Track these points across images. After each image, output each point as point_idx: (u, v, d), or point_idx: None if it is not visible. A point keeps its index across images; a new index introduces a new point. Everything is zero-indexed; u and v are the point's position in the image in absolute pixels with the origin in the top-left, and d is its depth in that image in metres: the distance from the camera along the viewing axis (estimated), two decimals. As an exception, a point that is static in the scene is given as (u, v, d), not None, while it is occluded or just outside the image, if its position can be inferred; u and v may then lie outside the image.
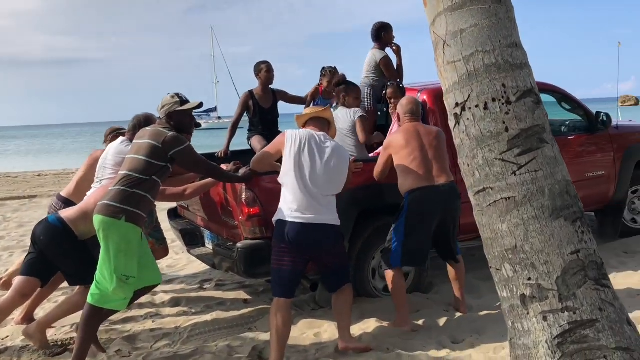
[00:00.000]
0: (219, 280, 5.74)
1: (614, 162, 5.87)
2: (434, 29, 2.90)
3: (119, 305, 3.75)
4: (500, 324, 4.12)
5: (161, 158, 3.63)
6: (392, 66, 5.63)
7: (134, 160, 3.64)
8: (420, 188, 4.17)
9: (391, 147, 4.33)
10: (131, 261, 3.66)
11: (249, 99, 5.81)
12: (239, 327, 4.54)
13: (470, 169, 2.81)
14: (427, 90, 5.20)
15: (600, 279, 2.60)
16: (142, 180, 3.59)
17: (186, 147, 3.70)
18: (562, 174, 2.71)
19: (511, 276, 2.70)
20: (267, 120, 5.84)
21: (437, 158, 4.26)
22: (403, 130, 4.36)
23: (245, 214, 4.25)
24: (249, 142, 5.89)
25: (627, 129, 6.16)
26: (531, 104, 2.71)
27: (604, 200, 5.79)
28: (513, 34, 2.78)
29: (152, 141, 3.63)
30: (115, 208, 3.55)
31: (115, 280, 3.58)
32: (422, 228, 4.21)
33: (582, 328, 2.51)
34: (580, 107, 5.87)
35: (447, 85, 2.87)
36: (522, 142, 2.66)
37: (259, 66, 5.80)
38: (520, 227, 2.64)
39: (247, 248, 4.23)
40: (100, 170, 4.43)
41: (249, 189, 4.22)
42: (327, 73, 5.68)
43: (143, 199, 3.62)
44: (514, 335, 2.73)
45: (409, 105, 4.43)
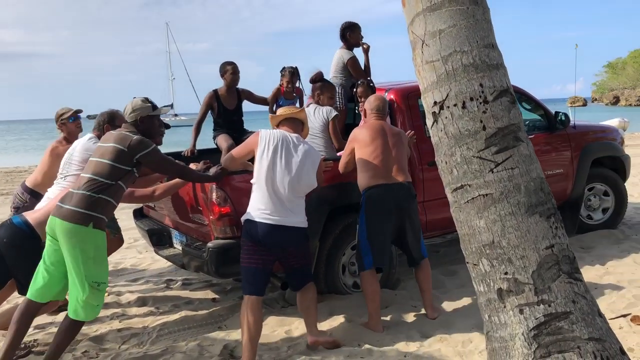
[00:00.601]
0: (185, 279, 5.67)
1: (571, 160, 6.08)
2: (412, 29, 2.95)
3: (92, 315, 3.67)
4: (468, 319, 4.26)
5: (126, 162, 3.59)
6: (359, 66, 5.67)
7: (99, 164, 3.58)
8: (377, 185, 4.22)
9: (355, 140, 4.37)
10: (101, 267, 3.64)
11: (213, 100, 5.73)
12: (209, 326, 4.50)
13: (448, 166, 2.87)
14: (395, 89, 5.27)
15: (573, 273, 2.71)
16: (107, 185, 3.54)
17: (152, 149, 3.66)
18: (537, 171, 2.80)
19: (488, 271, 2.77)
20: (232, 120, 5.77)
21: (398, 158, 4.32)
22: (369, 126, 4.40)
23: (216, 213, 4.21)
24: (215, 141, 5.82)
25: (583, 129, 6.38)
26: (507, 104, 2.79)
27: (562, 197, 5.98)
28: (489, 35, 2.86)
29: (117, 145, 3.58)
30: (83, 214, 3.49)
31: (87, 287, 3.53)
32: (381, 226, 4.25)
33: (556, 320, 2.61)
34: (540, 106, 6.07)
35: (426, 84, 2.93)
36: (499, 140, 2.74)
37: (224, 67, 5.73)
38: (497, 223, 2.72)
39: (218, 247, 4.21)
40: (66, 166, 4.32)
41: (219, 188, 4.19)
42: (286, 73, 5.68)
43: (108, 204, 3.58)
44: (491, 328, 2.81)
45: (377, 102, 4.48)
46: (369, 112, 4.48)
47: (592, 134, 6.50)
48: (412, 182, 4.69)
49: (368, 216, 4.22)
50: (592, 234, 6.28)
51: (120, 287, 5.53)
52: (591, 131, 6.53)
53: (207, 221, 4.35)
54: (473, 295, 4.65)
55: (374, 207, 4.21)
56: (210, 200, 4.22)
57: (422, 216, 5.07)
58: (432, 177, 4.78)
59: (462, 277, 5.18)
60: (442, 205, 3.14)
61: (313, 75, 5.29)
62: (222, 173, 4.10)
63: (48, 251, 3.67)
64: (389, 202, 4.22)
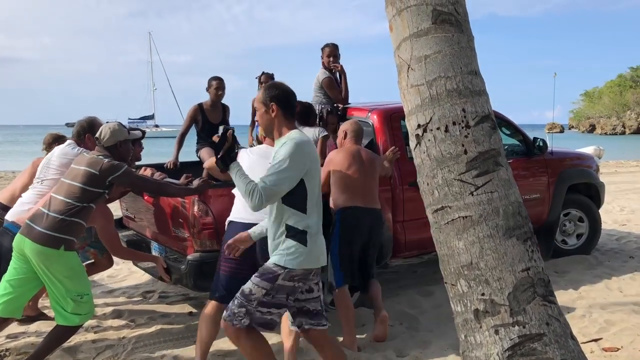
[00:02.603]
0: (162, 292, 5.64)
1: (548, 185, 6.20)
2: (399, 53, 3.03)
3: (82, 320, 3.77)
4: (444, 339, 4.31)
5: (99, 185, 3.69)
6: (333, 86, 5.70)
7: (71, 187, 3.66)
8: (354, 207, 4.30)
9: (332, 163, 4.45)
10: (80, 281, 3.70)
11: (198, 113, 5.79)
12: (185, 340, 4.48)
13: (429, 187, 2.94)
14: (377, 110, 5.34)
15: (548, 295, 2.78)
16: (79, 207, 3.62)
17: (123, 171, 3.75)
18: (515, 195, 2.88)
19: (466, 291, 2.83)
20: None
21: (372, 184, 4.45)
22: (346, 150, 4.50)
23: (197, 226, 4.22)
24: (198, 154, 5.85)
25: (560, 155, 6.52)
26: (488, 129, 2.88)
27: (539, 221, 6.08)
28: (473, 62, 2.95)
29: (89, 169, 3.68)
30: (54, 237, 3.55)
31: (70, 301, 3.62)
32: (353, 246, 4.32)
33: (530, 341, 2.67)
34: (518, 132, 6.19)
35: (410, 107, 3.00)
36: (479, 164, 2.82)
37: (210, 82, 5.79)
38: (475, 244, 2.78)
39: (197, 261, 4.21)
40: (44, 169, 4.27)
41: (201, 201, 4.20)
42: (262, 77, 5.87)
43: (78, 226, 3.66)
44: (467, 348, 2.86)
45: (353, 126, 4.59)
46: (348, 138, 4.57)
47: (569, 160, 6.65)
48: (393, 201, 4.74)
49: (342, 235, 4.27)
50: (567, 259, 6.40)
51: (96, 298, 5.44)
52: (568, 158, 6.68)
53: (187, 234, 4.35)
54: (449, 315, 4.67)
55: (349, 227, 4.28)
56: (191, 213, 4.23)
57: (401, 236, 5.15)
58: (412, 198, 4.85)
59: (439, 298, 5.23)
60: (421, 225, 3.20)
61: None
62: (204, 185, 4.14)
63: (15, 267, 3.67)
64: (363, 223, 4.32)
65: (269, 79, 5.87)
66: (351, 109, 5.72)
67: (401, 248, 5.22)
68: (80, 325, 3.79)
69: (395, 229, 5.11)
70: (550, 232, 6.31)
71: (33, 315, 4.72)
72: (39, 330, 4.51)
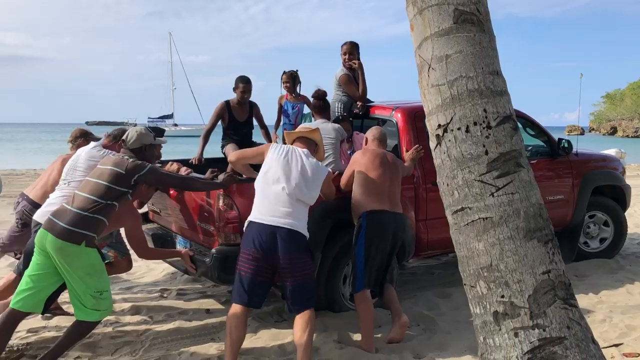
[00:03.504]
0: (180, 289, 5.67)
1: (572, 187, 6.11)
2: (419, 53, 3.02)
3: (101, 316, 3.79)
4: (461, 341, 4.28)
5: (124, 184, 3.75)
6: (350, 83, 5.71)
7: (95, 185, 3.71)
8: (380, 210, 4.27)
9: (356, 164, 4.44)
10: (99, 277, 3.73)
11: (225, 110, 5.83)
12: (202, 337, 4.49)
13: (449, 188, 2.92)
14: (401, 108, 5.31)
15: (569, 299, 2.75)
16: (103, 204, 3.67)
17: (148, 169, 3.83)
18: (536, 197, 2.85)
19: (485, 293, 2.81)
20: (242, 133, 5.87)
21: (396, 188, 4.43)
22: (372, 152, 4.48)
23: (222, 220, 4.25)
24: (223, 150, 5.90)
25: (585, 156, 6.43)
26: (510, 130, 2.86)
27: (562, 223, 6.01)
28: (495, 62, 2.93)
29: (115, 168, 3.76)
30: (76, 233, 3.59)
31: (90, 297, 3.65)
32: (380, 250, 4.28)
33: (551, 345, 2.64)
34: (543, 133, 6.11)
35: (430, 107, 2.98)
36: (500, 165, 2.80)
37: (237, 83, 5.82)
38: (496, 246, 2.76)
39: (222, 254, 4.24)
40: (70, 171, 4.34)
41: (226, 195, 4.24)
42: (284, 76, 5.84)
43: (100, 223, 3.70)
44: (486, 350, 2.84)
45: (378, 132, 4.62)
46: (371, 141, 4.59)
47: (594, 162, 6.54)
48: (416, 200, 4.75)
49: (369, 239, 4.23)
50: (587, 263, 6.31)
51: (115, 295, 5.50)
52: (593, 159, 6.58)
53: (212, 227, 4.39)
54: (467, 317, 4.68)
55: (376, 231, 4.24)
56: (216, 207, 4.27)
57: (423, 234, 5.12)
58: (435, 197, 4.83)
59: (456, 300, 5.20)
60: (443, 224, 3.17)
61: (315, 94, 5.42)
62: (229, 180, 4.20)
63: (36, 262, 3.71)
64: (390, 227, 4.28)
65: (289, 78, 5.86)
66: (375, 107, 5.71)
67: (423, 247, 5.19)
68: (99, 321, 3.83)
69: (417, 228, 5.09)
70: (574, 234, 6.21)
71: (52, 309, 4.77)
72: (59, 325, 4.55)
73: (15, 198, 5.05)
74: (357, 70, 5.75)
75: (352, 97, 5.74)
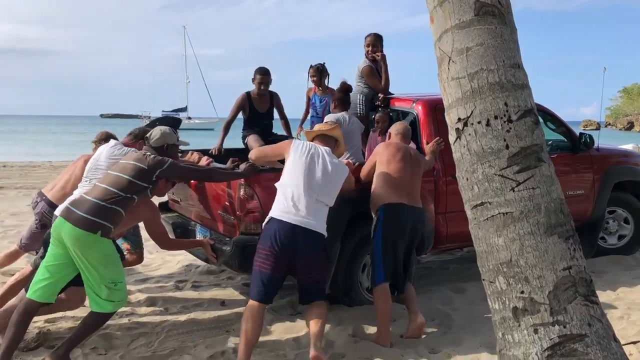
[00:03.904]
0: (195, 281, 5.70)
1: (593, 182, 6.04)
2: (439, 45, 2.98)
3: (115, 307, 3.79)
4: (476, 336, 4.25)
5: (146, 179, 3.80)
6: (373, 75, 5.70)
7: (117, 178, 3.75)
8: (398, 204, 4.25)
9: (378, 155, 4.44)
10: (115, 268, 3.74)
11: (245, 102, 5.86)
12: (217, 329, 4.51)
13: (469, 183, 2.89)
14: (422, 101, 5.27)
15: (590, 296, 2.71)
16: (122, 197, 3.69)
17: (169, 164, 3.87)
18: (557, 192, 2.82)
19: (504, 289, 2.78)
20: (263, 124, 5.91)
21: (417, 183, 4.42)
22: (395, 145, 4.48)
23: (242, 209, 4.29)
24: (245, 141, 5.94)
25: (607, 151, 6.35)
26: (531, 124, 2.82)
27: (582, 218, 5.94)
28: (516, 55, 2.89)
29: (138, 163, 3.81)
30: (93, 222, 3.59)
31: (104, 288, 3.66)
32: (397, 243, 4.27)
33: (571, 342, 2.61)
34: (564, 127, 6.05)
35: (450, 100, 2.95)
36: (521, 159, 2.76)
37: (255, 74, 5.85)
38: (516, 241, 2.73)
39: (242, 243, 4.28)
40: (92, 170, 4.29)
41: (247, 185, 4.28)
42: (311, 69, 5.82)
43: (118, 214, 3.71)
44: (504, 346, 2.81)
45: (403, 128, 4.64)
46: (394, 135, 4.61)
47: (616, 157, 6.46)
48: (436, 192, 4.77)
49: (386, 231, 4.22)
50: (604, 259, 6.23)
51: (130, 286, 5.53)
52: (615, 154, 6.50)
53: (233, 217, 4.42)
54: (482, 312, 4.66)
55: (393, 223, 4.23)
56: (237, 196, 4.31)
57: (443, 228, 5.10)
58: (455, 190, 4.81)
59: (471, 294, 5.18)
60: (463, 217, 3.14)
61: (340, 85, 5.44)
62: (251, 169, 4.24)
63: (52, 253, 3.73)
64: (408, 222, 4.28)
65: (316, 72, 5.83)
66: (395, 99, 5.70)
67: (443, 240, 5.16)
68: (114, 312, 3.84)
69: (437, 221, 5.07)
70: (594, 230, 6.13)
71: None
72: (76, 315, 4.58)
73: (31, 191, 5.07)
74: (380, 62, 5.73)
75: (374, 89, 5.73)
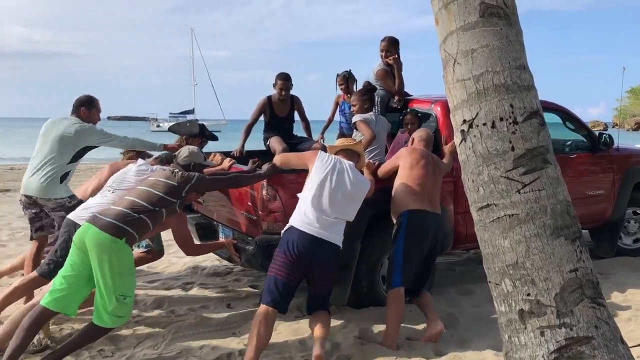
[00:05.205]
0: (202, 284, 5.70)
1: (613, 182, 6.00)
2: (444, 47, 2.98)
3: (117, 323, 3.75)
4: (483, 338, 4.24)
5: (176, 195, 3.92)
6: (386, 78, 5.74)
7: (146, 192, 3.85)
8: (421, 210, 4.27)
9: (402, 159, 4.49)
10: (129, 281, 3.73)
11: (266, 106, 5.91)
12: (223, 331, 4.51)
13: (474, 185, 2.88)
14: (440, 102, 5.27)
15: (596, 298, 2.70)
16: (150, 210, 3.77)
17: (197, 179, 4.02)
18: (564, 194, 2.81)
19: (510, 291, 2.77)
20: (283, 128, 5.96)
21: (437, 190, 4.47)
22: (419, 152, 4.53)
23: (265, 209, 4.37)
24: (267, 143, 5.98)
25: (627, 151, 6.32)
26: (537, 125, 2.81)
27: (602, 219, 5.92)
28: (522, 57, 2.88)
29: (168, 181, 3.95)
30: (119, 227, 3.62)
31: (114, 300, 3.62)
32: (418, 250, 4.28)
33: (578, 344, 2.60)
34: (583, 127, 6.02)
35: (455, 102, 2.95)
36: (527, 161, 2.75)
37: (275, 79, 5.89)
38: (522, 244, 2.72)
39: (265, 242, 4.36)
40: (118, 182, 4.29)
41: (270, 186, 4.34)
42: (338, 78, 5.86)
43: (145, 225, 3.77)
44: (510, 348, 2.80)
45: (426, 133, 4.71)
46: (417, 141, 4.65)
47: (636, 157, 6.40)
48: (455, 192, 4.83)
49: (409, 237, 4.23)
50: (612, 261, 6.17)
51: (137, 289, 5.55)
52: (635, 154, 6.44)
53: (255, 217, 4.48)
54: (489, 314, 4.65)
55: (416, 230, 4.25)
56: (259, 197, 4.38)
57: (462, 228, 5.10)
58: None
59: (478, 296, 5.17)
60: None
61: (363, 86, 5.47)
62: (272, 170, 4.34)
63: (71, 262, 3.73)
64: (430, 229, 4.30)
65: (343, 80, 5.86)
66: (413, 100, 5.72)
67: (461, 240, 5.15)
68: (112, 328, 3.80)
69: (456, 221, 5.07)
70: (614, 230, 6.09)
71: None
72: (83, 318, 4.58)
73: None
74: (393, 65, 5.77)
75: (389, 91, 5.77)
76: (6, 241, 7.40)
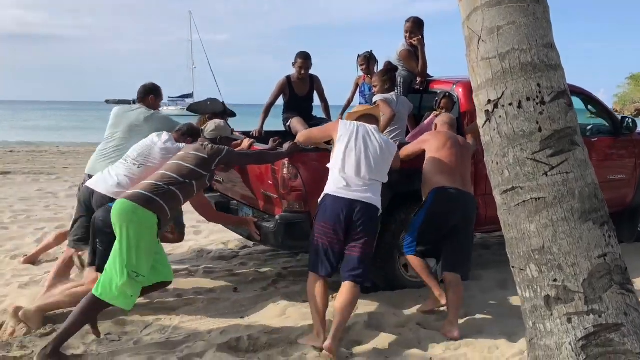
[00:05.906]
0: (207, 268, 5.63)
1: (635, 166, 5.91)
2: (468, 24, 2.88)
3: (125, 304, 3.66)
4: (495, 324, 4.19)
5: (206, 168, 3.95)
6: (410, 59, 5.69)
7: (177, 165, 3.88)
8: (449, 187, 4.24)
9: (427, 143, 4.48)
10: (144, 258, 3.64)
11: (286, 86, 5.92)
12: (231, 315, 4.45)
13: (499, 167, 2.80)
14: (462, 83, 5.19)
15: (625, 284, 2.63)
16: (180, 182, 3.80)
17: (226, 152, 4.06)
18: (592, 177, 2.73)
19: (536, 277, 2.70)
20: (303, 107, 5.96)
21: (467, 170, 4.47)
22: (444, 134, 4.52)
23: (286, 188, 4.36)
24: (288, 123, 5.97)
25: None
26: (564, 106, 2.72)
27: (623, 204, 5.83)
28: (549, 34, 2.78)
29: (199, 153, 3.98)
30: (151, 199, 3.64)
31: (126, 274, 3.55)
32: (439, 225, 4.26)
33: (607, 332, 2.53)
34: (605, 110, 5.94)
35: (479, 81, 2.85)
36: (554, 143, 2.67)
37: (295, 58, 5.88)
38: (549, 228, 2.64)
39: (286, 220, 4.37)
40: (144, 155, 4.26)
41: (291, 164, 4.33)
42: (359, 59, 5.80)
43: (175, 197, 3.77)
44: (535, 335, 2.73)
45: (449, 117, 4.72)
46: (441, 126, 4.65)
47: None
48: (476, 174, 4.80)
49: (430, 212, 4.24)
50: (628, 247, 5.96)
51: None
52: None
53: (276, 195, 4.48)
54: (500, 300, 4.61)
55: (441, 206, 4.22)
56: (280, 176, 4.37)
57: (482, 210, 5.00)
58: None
59: (487, 281, 5.14)
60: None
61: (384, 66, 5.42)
62: (294, 148, 4.34)
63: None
64: (457, 206, 4.26)
65: (365, 60, 5.79)
66: (435, 81, 5.68)
67: (482, 222, 5.04)
68: (109, 306, 3.67)
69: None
70: (635, 215, 5.98)
71: None
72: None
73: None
74: (417, 46, 5.68)
75: (412, 72, 5.72)
76: (8, 223, 7.35)
